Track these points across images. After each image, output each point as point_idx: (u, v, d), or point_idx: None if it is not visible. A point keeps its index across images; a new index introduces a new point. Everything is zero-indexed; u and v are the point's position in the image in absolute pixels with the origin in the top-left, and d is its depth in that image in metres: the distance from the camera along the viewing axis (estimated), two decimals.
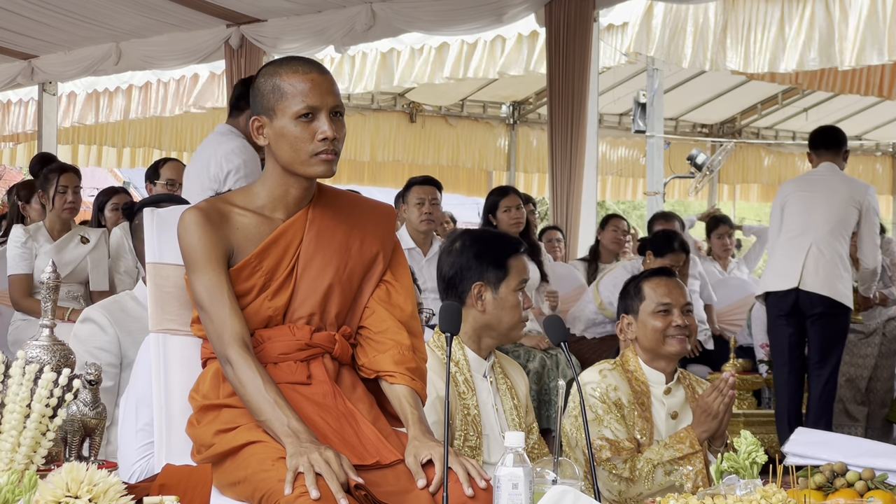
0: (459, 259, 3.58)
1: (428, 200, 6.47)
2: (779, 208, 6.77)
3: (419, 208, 6.48)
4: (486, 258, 3.56)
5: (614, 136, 13.97)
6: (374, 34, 8.94)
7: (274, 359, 2.83)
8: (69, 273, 6.34)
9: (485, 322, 3.57)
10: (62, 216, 6.41)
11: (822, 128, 7.08)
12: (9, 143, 14.15)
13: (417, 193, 6.52)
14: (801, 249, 6.58)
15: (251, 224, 2.87)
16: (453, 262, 3.59)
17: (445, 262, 3.61)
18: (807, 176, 6.97)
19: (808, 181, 6.84)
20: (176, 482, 2.51)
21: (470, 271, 3.56)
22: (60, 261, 6.27)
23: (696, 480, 3.71)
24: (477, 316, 3.57)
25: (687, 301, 4.01)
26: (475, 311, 3.56)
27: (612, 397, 3.88)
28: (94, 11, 9.28)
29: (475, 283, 3.55)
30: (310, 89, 2.80)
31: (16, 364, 2.47)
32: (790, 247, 6.63)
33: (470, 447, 3.46)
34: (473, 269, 3.56)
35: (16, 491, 2.14)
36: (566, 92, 7.93)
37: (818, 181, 6.74)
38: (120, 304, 3.96)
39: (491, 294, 3.55)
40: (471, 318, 3.56)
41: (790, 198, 6.73)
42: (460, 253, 3.59)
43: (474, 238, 3.63)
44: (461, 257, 3.58)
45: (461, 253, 3.59)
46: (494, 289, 3.56)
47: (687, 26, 9.31)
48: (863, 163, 15.48)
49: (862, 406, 7.69)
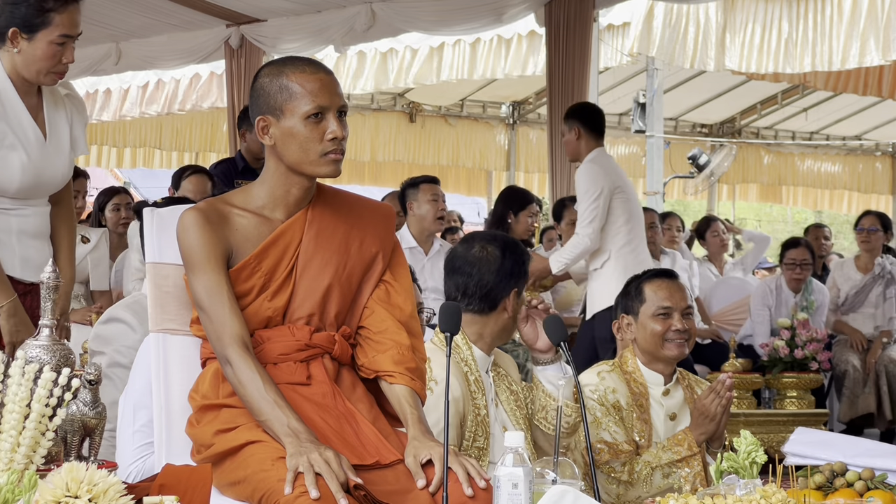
0: (502, 267, 3.58)
1: (441, 198, 6.47)
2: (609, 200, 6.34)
3: (434, 205, 6.45)
4: (518, 266, 3.60)
5: (614, 136, 13.95)
6: (374, 34, 8.94)
7: (273, 359, 2.83)
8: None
9: (505, 325, 3.60)
10: None
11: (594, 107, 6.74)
12: None
13: (431, 191, 6.49)
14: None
15: (250, 224, 2.87)
16: (496, 271, 3.58)
17: (486, 269, 3.59)
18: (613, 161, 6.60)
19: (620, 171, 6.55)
20: (176, 482, 2.51)
21: (510, 279, 3.58)
22: None
23: (695, 483, 3.71)
24: (503, 320, 3.59)
25: (688, 304, 4.00)
26: (503, 316, 3.58)
27: (611, 399, 3.88)
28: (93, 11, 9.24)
29: (514, 290, 3.58)
30: (319, 89, 2.81)
31: (15, 364, 2.47)
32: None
33: (478, 447, 3.46)
34: (513, 276, 3.59)
35: (15, 491, 2.14)
36: (566, 92, 7.93)
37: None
38: (141, 304, 3.96)
39: (516, 300, 3.59)
40: (494, 322, 3.58)
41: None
42: (501, 261, 3.59)
43: (509, 245, 3.65)
44: (503, 265, 3.59)
45: (502, 261, 3.59)
46: (518, 295, 3.60)
47: (688, 26, 9.31)
48: (863, 163, 15.48)
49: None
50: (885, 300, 8.00)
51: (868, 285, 8.06)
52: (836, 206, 15.80)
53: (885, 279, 8.04)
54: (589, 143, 6.32)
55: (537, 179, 14.21)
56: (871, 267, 8.07)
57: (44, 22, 3.58)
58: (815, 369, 7.05)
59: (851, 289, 8.07)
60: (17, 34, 3.58)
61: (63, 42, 3.62)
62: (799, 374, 6.98)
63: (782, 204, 15.59)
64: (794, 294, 8.05)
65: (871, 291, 8.06)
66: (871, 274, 8.05)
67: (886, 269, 8.05)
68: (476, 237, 3.75)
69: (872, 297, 8.05)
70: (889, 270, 8.05)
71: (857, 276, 8.11)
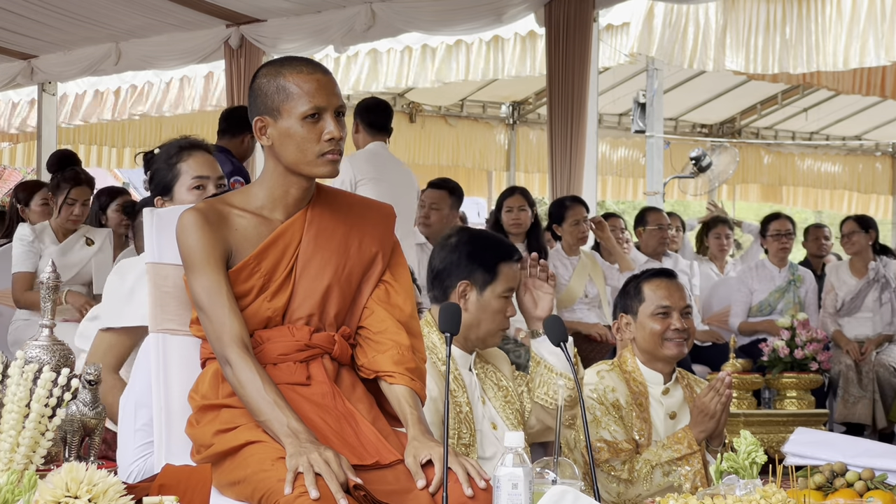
0: (452, 255, 3.56)
1: (429, 205, 6.63)
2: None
3: (420, 209, 6.73)
4: (477, 258, 3.54)
5: (614, 136, 13.95)
6: (374, 34, 8.93)
7: (273, 359, 2.83)
8: (74, 275, 6.34)
9: (466, 322, 3.51)
10: (65, 225, 6.42)
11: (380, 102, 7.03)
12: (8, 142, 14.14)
13: (422, 196, 6.86)
14: None
15: (250, 225, 2.87)
16: (445, 257, 3.57)
17: (438, 255, 3.60)
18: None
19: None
20: (175, 482, 2.51)
21: (459, 268, 3.54)
22: (65, 263, 6.29)
23: (695, 481, 3.71)
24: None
25: (686, 304, 4.00)
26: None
27: (610, 398, 3.88)
28: (93, 11, 9.27)
29: (461, 281, 3.52)
30: (316, 90, 2.80)
31: (15, 364, 2.47)
32: None
33: (464, 444, 3.46)
34: (463, 266, 3.53)
35: (15, 491, 2.13)
36: (566, 92, 7.92)
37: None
38: None
39: (475, 295, 3.52)
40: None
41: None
42: (454, 249, 3.57)
43: (471, 236, 3.62)
44: (454, 253, 3.56)
45: (455, 249, 3.57)
46: (480, 290, 3.52)
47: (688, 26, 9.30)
48: (863, 163, 15.47)
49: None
50: (882, 305, 8.00)
51: (864, 290, 8.06)
52: (836, 206, 15.79)
53: (880, 283, 8.04)
54: (366, 137, 6.83)
55: (537, 179, 14.21)
56: (864, 271, 8.08)
57: None
58: (815, 369, 7.05)
59: (848, 294, 8.07)
60: None
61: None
62: (799, 375, 6.97)
63: (782, 204, 15.56)
64: (778, 269, 8.06)
65: (866, 296, 8.06)
66: (866, 279, 8.05)
67: (881, 273, 8.05)
68: (457, 228, 3.77)
69: (869, 302, 8.05)
70: (883, 274, 8.05)
71: (853, 280, 8.11)
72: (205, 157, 3.71)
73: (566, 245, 7.43)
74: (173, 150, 3.75)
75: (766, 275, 8.08)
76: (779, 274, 8.07)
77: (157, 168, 3.75)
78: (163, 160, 3.75)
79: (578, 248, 7.44)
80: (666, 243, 8.32)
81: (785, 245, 8.08)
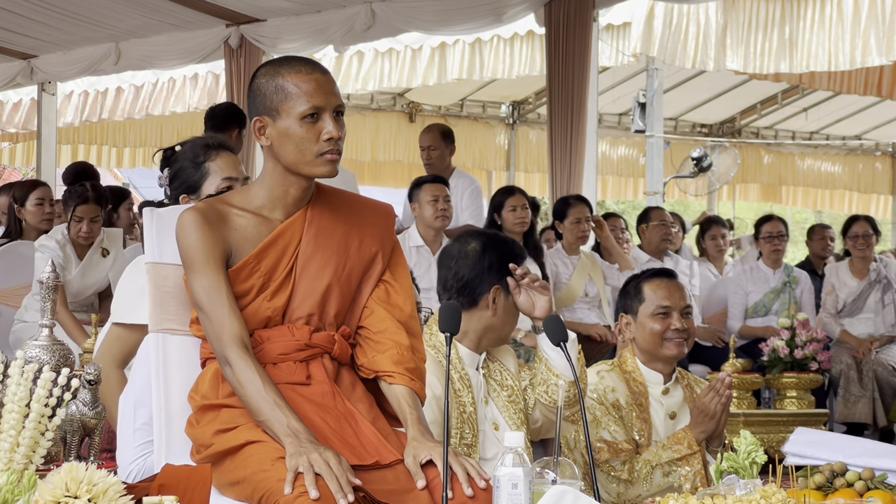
0: (479, 262, 3.59)
1: (441, 197, 6.58)
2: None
3: (434, 205, 6.58)
4: (504, 262, 3.58)
5: (614, 135, 13.95)
6: (374, 34, 8.93)
7: (273, 359, 2.83)
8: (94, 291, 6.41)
9: (490, 324, 3.59)
10: (76, 240, 6.37)
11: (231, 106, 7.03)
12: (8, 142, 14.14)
13: (431, 191, 6.63)
14: None
15: (249, 225, 2.86)
16: (473, 265, 3.59)
17: (462, 264, 3.60)
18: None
19: None
20: (175, 482, 2.51)
21: (490, 274, 3.58)
22: (86, 282, 6.33)
23: (695, 481, 3.71)
24: (486, 318, 3.58)
25: (687, 304, 4.00)
26: (486, 314, 3.58)
27: (610, 398, 3.88)
28: (93, 11, 9.27)
29: (494, 287, 3.56)
30: (314, 89, 2.80)
31: (14, 364, 2.47)
32: None
33: (466, 444, 3.46)
34: (494, 272, 3.58)
35: (15, 491, 2.13)
36: (566, 92, 7.92)
37: None
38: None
39: (503, 298, 3.57)
40: (477, 320, 3.58)
41: None
42: (480, 256, 3.59)
43: (493, 241, 3.65)
44: (481, 260, 3.59)
45: (481, 256, 3.59)
46: (506, 294, 3.57)
47: (688, 26, 9.30)
48: (863, 163, 15.47)
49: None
50: (885, 307, 8.00)
51: (865, 291, 8.05)
52: (836, 206, 15.79)
53: (881, 284, 8.04)
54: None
55: (537, 179, 14.21)
56: (865, 272, 8.08)
57: None
58: (815, 369, 7.05)
59: (849, 295, 8.07)
60: None
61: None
62: (799, 374, 6.97)
63: (782, 204, 15.58)
64: (772, 271, 8.07)
65: (868, 297, 8.06)
66: (868, 280, 8.05)
67: (882, 274, 8.05)
68: (467, 233, 3.77)
69: (871, 303, 8.05)
70: (885, 275, 8.05)
71: (854, 282, 8.10)
72: (232, 158, 3.63)
73: (567, 243, 7.44)
74: (200, 149, 3.62)
75: (760, 276, 8.08)
76: (773, 276, 8.07)
77: (182, 166, 3.62)
78: (188, 158, 3.62)
79: (578, 248, 7.45)
80: (669, 239, 8.31)
81: (777, 247, 8.08)
